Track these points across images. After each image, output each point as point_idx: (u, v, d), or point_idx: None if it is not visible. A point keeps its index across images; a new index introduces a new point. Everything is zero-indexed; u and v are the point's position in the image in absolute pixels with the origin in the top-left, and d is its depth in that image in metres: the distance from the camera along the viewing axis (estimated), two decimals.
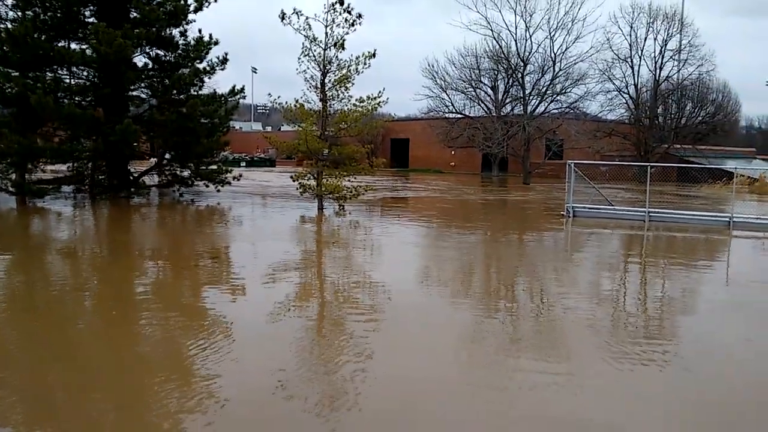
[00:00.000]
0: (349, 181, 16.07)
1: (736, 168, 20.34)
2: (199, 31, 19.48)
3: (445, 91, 40.77)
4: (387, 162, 50.35)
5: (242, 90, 20.34)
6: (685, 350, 5.63)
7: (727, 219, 15.36)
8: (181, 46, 19.31)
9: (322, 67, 15.27)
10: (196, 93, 19.45)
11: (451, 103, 41.25)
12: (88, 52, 16.99)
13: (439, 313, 6.85)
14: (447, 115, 41.77)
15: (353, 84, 15.20)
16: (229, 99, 20.30)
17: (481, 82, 40.48)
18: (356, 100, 15.24)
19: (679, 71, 39.10)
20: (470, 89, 40.47)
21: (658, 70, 38.98)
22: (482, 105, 40.71)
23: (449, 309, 7.04)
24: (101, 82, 17.87)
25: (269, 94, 17.76)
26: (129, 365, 5.04)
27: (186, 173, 20.10)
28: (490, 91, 40.80)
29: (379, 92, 15.19)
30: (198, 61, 19.55)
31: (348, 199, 16.02)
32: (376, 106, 15.28)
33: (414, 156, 51.84)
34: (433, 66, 40.80)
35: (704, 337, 6.12)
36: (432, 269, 9.73)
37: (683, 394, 4.63)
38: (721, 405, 4.46)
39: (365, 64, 14.93)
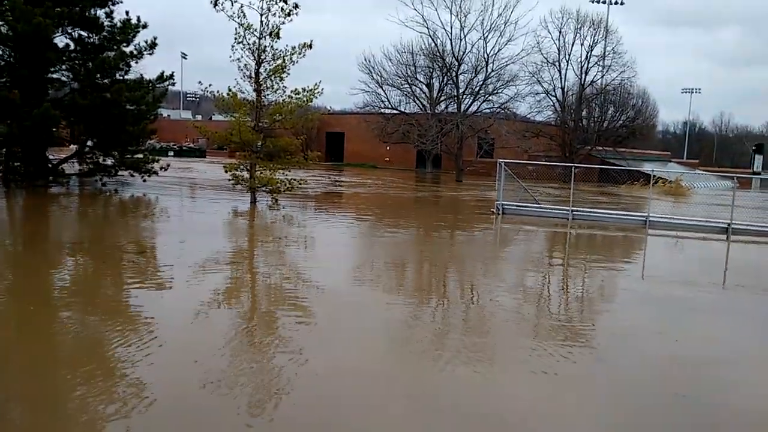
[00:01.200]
0: (283, 174, 15.83)
1: (653, 170, 21.57)
2: (126, 13, 18.60)
3: (381, 87, 40.95)
4: (322, 155, 50.03)
5: (171, 76, 19.58)
6: (600, 341, 5.94)
7: (644, 218, 16.32)
8: (106, 27, 18.34)
9: (256, 56, 14.94)
10: (122, 78, 18.54)
11: (387, 98, 41.48)
12: (4, 29, 15.83)
13: (372, 308, 6.88)
14: (383, 110, 41.95)
15: (289, 74, 14.99)
16: (158, 85, 19.50)
17: (417, 79, 40.92)
18: (291, 91, 15.04)
19: (603, 76, 41.08)
20: (406, 86, 40.83)
21: (583, 75, 40.78)
22: (417, 102, 41.19)
23: (381, 304, 7.08)
24: (18, 63, 16.69)
25: (200, 82, 17.15)
26: (46, 365, 4.75)
27: (109, 162, 19.13)
28: (425, 89, 41.31)
29: (315, 84, 15.05)
30: (124, 44, 18.64)
31: (282, 193, 15.79)
32: (312, 97, 15.13)
33: (349, 150, 51.76)
34: (369, 61, 40.85)
35: (618, 329, 6.48)
36: (365, 264, 9.75)
37: (598, 380, 4.88)
38: (630, 389, 4.73)
39: (301, 54, 14.73)
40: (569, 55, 40.41)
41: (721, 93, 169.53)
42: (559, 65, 40.51)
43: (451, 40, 37.75)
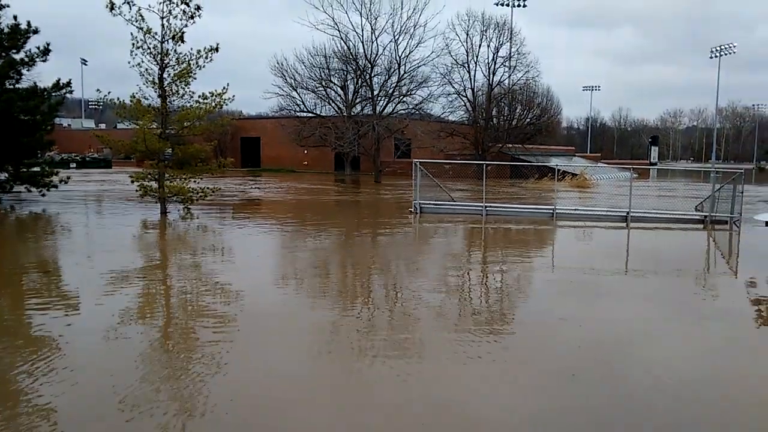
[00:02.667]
0: (195, 182, 15.31)
1: (557, 165, 22.76)
2: (15, 17, 17.28)
3: (296, 90, 40.55)
4: (237, 162, 48.86)
5: (69, 84, 18.42)
6: (515, 329, 6.19)
7: (551, 211, 17.18)
8: None
9: (159, 60, 14.34)
10: (12, 87, 17.23)
11: (302, 102, 41.15)
12: None
13: (296, 314, 6.80)
14: (298, 114, 41.57)
15: (195, 79, 14.51)
16: (54, 94, 18.28)
17: (331, 81, 40.86)
18: (199, 96, 14.56)
19: (509, 77, 42.90)
20: (320, 89, 40.67)
21: (491, 75, 42.36)
22: (333, 104, 41.13)
23: (305, 309, 7.01)
24: None
25: (98, 90, 16.23)
26: None
27: (3, 176, 17.72)
28: (340, 91, 41.34)
29: (224, 88, 14.64)
30: (14, 51, 17.34)
31: (194, 202, 15.26)
32: (222, 102, 14.70)
33: (266, 155, 50.86)
34: (282, 64, 40.34)
35: (530, 317, 6.78)
36: (287, 270, 9.62)
37: (515, 361, 5.08)
38: (540, 370, 4.97)
39: (208, 58, 14.30)
40: (477, 57, 41.87)
41: (619, 89, 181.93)
42: (468, 66, 41.87)
43: (363, 42, 38.08)
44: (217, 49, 14.44)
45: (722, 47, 73.66)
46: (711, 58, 74.16)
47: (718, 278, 9.79)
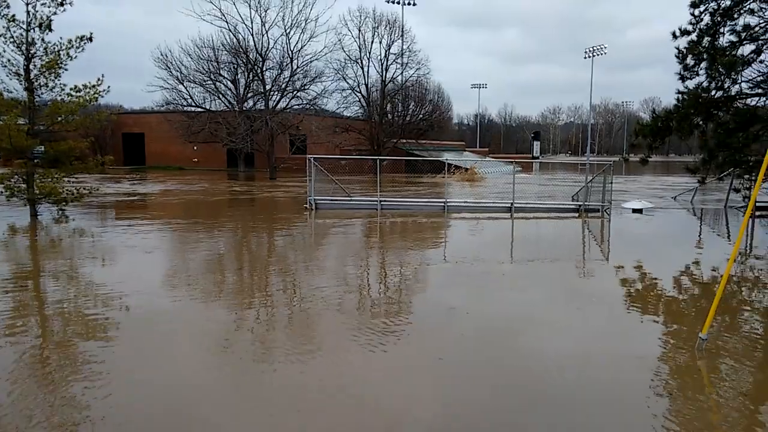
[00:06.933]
0: (69, 182, 14.15)
1: (447, 159, 23.63)
2: None
3: (182, 83, 38.73)
4: (119, 159, 45.83)
5: None
6: (411, 319, 6.36)
7: (443, 204, 17.80)
8: None
9: (24, 50, 13.07)
10: None
11: (190, 95, 39.38)
12: None
13: (187, 318, 6.49)
14: (186, 108, 39.73)
15: (66, 70, 13.37)
16: None
17: (221, 75, 39.48)
18: (71, 88, 13.43)
19: (402, 73, 43.79)
20: (209, 82, 39.14)
21: (384, 72, 43.02)
22: (223, 99, 39.77)
23: (198, 313, 6.72)
24: None
25: None
26: None
27: None
28: (230, 85, 40.04)
29: (98, 79, 13.60)
30: None
31: (69, 203, 14.12)
32: (96, 95, 13.65)
33: (151, 152, 48.24)
34: (167, 56, 38.35)
35: (422, 306, 6.99)
36: (177, 273, 9.16)
37: (406, 349, 5.22)
38: (429, 356, 5.15)
39: (79, 48, 13.23)
40: (370, 53, 42.34)
41: (505, 87, 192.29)
42: (362, 62, 42.24)
43: (253, 35, 37.12)
44: (90, 39, 13.39)
45: (595, 48, 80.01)
46: (585, 58, 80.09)
47: (591, 263, 10.64)
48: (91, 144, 15.63)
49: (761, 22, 13.99)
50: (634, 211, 17.86)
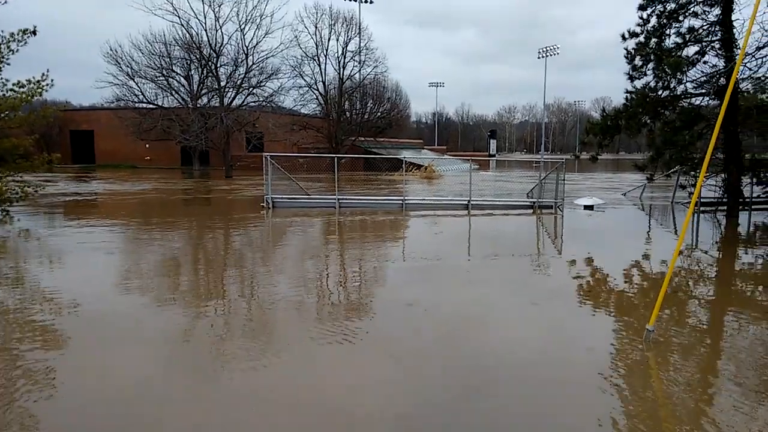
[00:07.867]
0: (13, 181, 13.53)
1: (404, 157, 23.73)
2: None
3: (133, 79, 37.67)
4: (67, 157, 44.20)
5: None
6: (371, 315, 6.36)
7: (401, 202, 17.88)
8: None
9: None
10: None
11: (141, 92, 38.34)
12: None
13: (141, 322, 6.30)
14: (137, 104, 38.64)
15: (8, 65, 12.76)
16: None
17: (173, 71, 38.55)
18: (14, 84, 12.84)
19: (360, 71, 43.71)
20: (161, 78, 38.18)
21: (341, 69, 42.85)
22: (176, 95, 38.84)
23: (151, 316, 6.53)
24: None
25: None
26: None
27: None
28: (184, 81, 39.17)
29: (43, 75, 13.04)
30: None
31: (13, 203, 13.51)
32: (40, 90, 13.07)
33: (101, 150, 46.74)
34: (116, 51, 37.20)
35: (381, 302, 7.01)
36: (130, 274, 8.87)
37: (366, 345, 5.23)
38: (387, 352, 5.18)
39: (22, 42, 12.64)
40: (327, 50, 42.09)
41: (462, 86, 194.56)
42: (319, 59, 41.95)
43: (206, 30, 36.35)
44: (34, 32, 12.81)
45: (548, 48, 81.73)
46: (539, 58, 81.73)
47: (544, 258, 10.88)
48: (37, 142, 14.95)
49: (705, 24, 14.61)
50: (586, 207, 18.36)
